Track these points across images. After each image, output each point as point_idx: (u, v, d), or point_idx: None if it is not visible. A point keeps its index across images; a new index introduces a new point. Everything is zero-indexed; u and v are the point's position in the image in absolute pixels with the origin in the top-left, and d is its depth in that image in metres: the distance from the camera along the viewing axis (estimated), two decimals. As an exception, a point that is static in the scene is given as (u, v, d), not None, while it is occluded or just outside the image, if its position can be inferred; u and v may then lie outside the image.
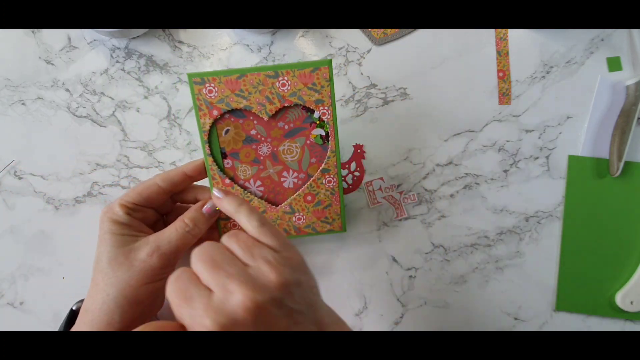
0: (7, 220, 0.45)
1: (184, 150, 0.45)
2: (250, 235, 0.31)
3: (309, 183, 0.39)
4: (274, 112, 0.37)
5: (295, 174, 0.40)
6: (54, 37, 0.45)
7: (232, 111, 0.37)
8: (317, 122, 0.38)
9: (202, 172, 0.38)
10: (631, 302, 0.44)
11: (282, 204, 0.40)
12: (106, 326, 0.35)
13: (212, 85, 0.36)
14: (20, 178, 0.45)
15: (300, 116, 0.38)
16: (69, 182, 0.45)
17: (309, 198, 0.40)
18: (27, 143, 0.45)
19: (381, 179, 0.46)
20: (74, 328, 0.37)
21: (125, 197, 0.37)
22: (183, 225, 0.37)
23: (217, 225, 0.40)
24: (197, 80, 0.35)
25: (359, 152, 0.45)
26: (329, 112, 0.37)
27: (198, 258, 0.28)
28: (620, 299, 0.44)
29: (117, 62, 0.45)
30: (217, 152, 0.38)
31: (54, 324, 0.44)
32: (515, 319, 0.46)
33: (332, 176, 0.40)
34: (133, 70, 0.45)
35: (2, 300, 0.44)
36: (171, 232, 0.36)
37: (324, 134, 0.39)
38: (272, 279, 0.28)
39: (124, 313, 0.35)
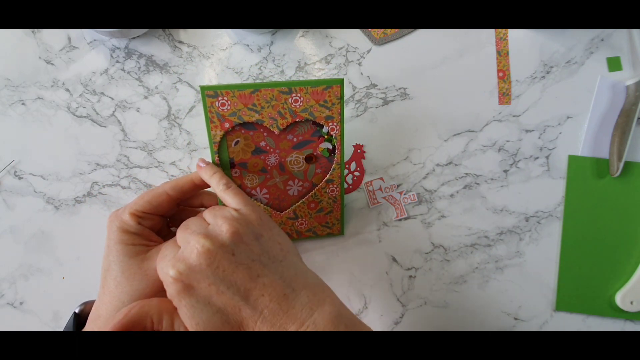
0: (7, 220, 0.45)
1: (184, 150, 0.45)
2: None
3: (313, 192, 0.41)
4: (285, 127, 0.38)
5: (300, 183, 0.40)
6: (54, 37, 0.45)
7: (243, 123, 0.37)
8: (326, 137, 0.39)
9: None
10: (631, 302, 0.44)
11: (287, 211, 0.41)
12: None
13: (225, 98, 0.36)
14: (20, 178, 0.45)
15: (309, 130, 0.39)
16: (69, 182, 0.45)
17: (312, 205, 0.41)
18: (27, 143, 0.45)
19: (381, 179, 0.46)
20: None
21: (135, 206, 0.36)
22: None
23: None
24: (210, 94, 0.35)
25: (359, 152, 0.45)
26: (338, 127, 0.38)
27: (179, 227, 0.33)
28: (620, 299, 0.44)
29: (117, 62, 0.45)
30: (225, 161, 0.38)
31: (54, 324, 0.44)
32: (515, 319, 0.46)
33: (335, 186, 0.41)
34: (133, 70, 0.45)
35: (2, 300, 0.44)
36: None
37: (331, 147, 0.40)
38: (224, 229, 0.31)
39: None
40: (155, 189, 0.37)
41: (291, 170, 0.40)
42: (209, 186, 0.38)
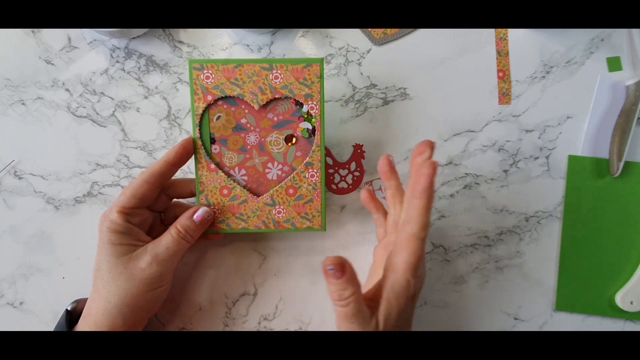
0: (7, 220, 0.45)
1: (184, 150, 0.45)
2: None
3: (291, 176, 0.40)
4: (265, 102, 0.39)
5: (280, 166, 0.40)
6: (54, 37, 0.45)
7: (226, 98, 0.39)
8: (305, 116, 0.39)
9: (183, 157, 0.38)
10: (631, 302, 0.44)
11: (264, 195, 0.40)
12: (109, 330, 0.36)
13: (210, 72, 0.38)
14: (20, 178, 0.45)
15: (290, 109, 0.39)
16: (69, 182, 0.45)
17: (291, 191, 0.40)
18: (27, 143, 0.45)
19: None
20: (77, 330, 0.37)
21: (120, 203, 0.37)
22: (177, 232, 0.38)
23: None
24: (197, 67, 0.38)
25: (359, 152, 0.45)
26: (317, 106, 0.39)
27: (420, 254, 0.32)
28: (620, 299, 0.44)
29: (117, 62, 0.45)
30: (206, 136, 0.39)
31: (54, 324, 0.44)
32: (515, 319, 0.46)
33: (315, 170, 0.40)
34: (133, 70, 0.45)
35: (2, 300, 0.44)
36: (167, 239, 0.37)
37: (310, 127, 0.40)
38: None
39: (126, 318, 0.36)
40: (134, 182, 0.37)
41: (271, 151, 0.40)
42: (184, 163, 0.38)
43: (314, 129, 0.40)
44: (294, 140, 0.40)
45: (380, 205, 0.42)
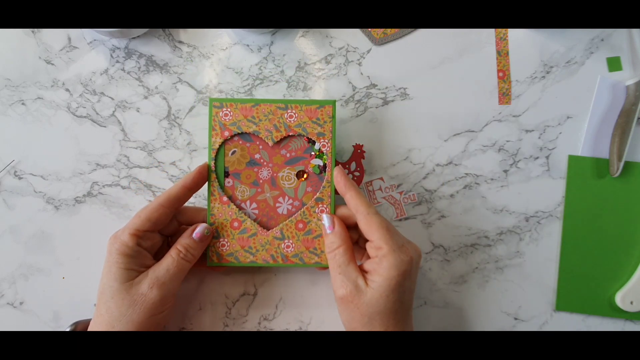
0: (7, 220, 0.45)
1: (184, 150, 0.45)
2: None
3: (302, 210, 0.40)
4: (279, 139, 0.40)
5: (291, 201, 0.41)
6: (54, 37, 0.45)
7: (242, 134, 0.40)
8: (317, 153, 0.41)
9: (199, 181, 0.39)
10: (631, 302, 0.44)
11: (274, 229, 0.40)
12: None
13: (229, 109, 0.40)
14: (20, 178, 0.45)
15: (302, 146, 0.41)
16: (69, 182, 0.45)
17: (300, 226, 0.41)
18: (27, 143, 0.45)
19: (381, 179, 0.46)
20: None
21: (134, 226, 0.36)
22: (177, 252, 0.37)
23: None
24: (217, 105, 0.40)
25: (359, 152, 0.45)
26: (329, 145, 0.40)
27: (385, 224, 0.36)
28: (620, 299, 0.44)
29: (117, 62, 0.45)
30: (220, 169, 0.40)
31: (53, 324, 0.44)
32: (515, 319, 0.46)
33: (325, 206, 0.41)
34: (133, 70, 0.45)
35: (2, 300, 0.44)
36: (167, 261, 0.37)
37: (322, 164, 0.41)
38: (419, 251, 0.38)
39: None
40: (150, 205, 0.37)
41: (282, 186, 0.41)
42: (199, 187, 0.39)
43: (324, 166, 0.41)
44: (305, 176, 0.41)
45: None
